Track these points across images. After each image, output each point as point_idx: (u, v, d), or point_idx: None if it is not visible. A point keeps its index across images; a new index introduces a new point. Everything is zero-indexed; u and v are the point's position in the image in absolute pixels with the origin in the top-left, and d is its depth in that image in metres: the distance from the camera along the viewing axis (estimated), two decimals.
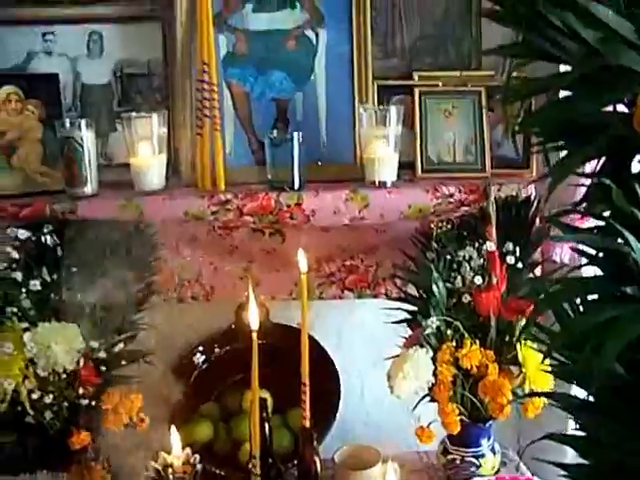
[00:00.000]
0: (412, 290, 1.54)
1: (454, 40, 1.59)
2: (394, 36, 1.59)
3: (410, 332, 1.49)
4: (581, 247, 0.86)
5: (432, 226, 1.48)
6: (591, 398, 0.87)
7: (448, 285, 1.45)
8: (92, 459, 1.38)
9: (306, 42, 1.52)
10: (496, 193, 1.45)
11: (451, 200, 1.47)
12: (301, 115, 1.54)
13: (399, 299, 1.55)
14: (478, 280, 1.41)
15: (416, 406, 1.42)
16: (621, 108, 0.83)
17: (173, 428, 1.37)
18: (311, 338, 1.65)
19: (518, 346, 1.38)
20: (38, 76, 1.54)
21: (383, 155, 1.45)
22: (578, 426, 0.91)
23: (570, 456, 1.06)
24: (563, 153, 0.87)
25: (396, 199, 1.46)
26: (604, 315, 0.81)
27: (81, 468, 1.36)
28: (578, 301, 0.88)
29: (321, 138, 1.54)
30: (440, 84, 1.57)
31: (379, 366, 1.46)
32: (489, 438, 1.47)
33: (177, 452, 1.35)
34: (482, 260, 1.43)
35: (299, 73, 1.53)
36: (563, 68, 0.85)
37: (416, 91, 1.55)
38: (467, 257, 1.45)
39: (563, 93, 0.84)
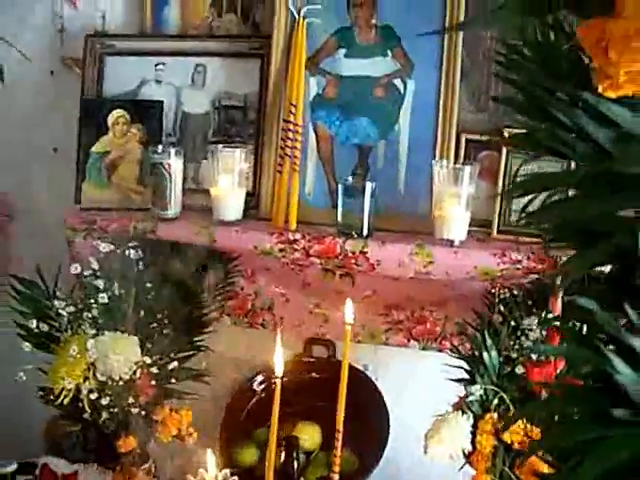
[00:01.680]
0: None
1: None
2: (488, 90, 1.56)
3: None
4: None
5: (494, 290, 1.44)
6: None
7: (505, 353, 1.41)
8: (136, 464, 1.47)
9: (394, 90, 1.54)
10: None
11: (519, 267, 1.42)
12: (382, 162, 1.56)
13: (461, 357, 1.53)
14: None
15: (462, 468, 1.40)
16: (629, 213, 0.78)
17: (209, 452, 1.43)
18: (367, 380, 1.68)
19: None
20: (145, 102, 1.68)
21: (453, 213, 1.44)
22: None
23: None
24: None
25: (462, 259, 1.44)
26: (588, 434, 0.77)
27: (125, 470, 1.46)
28: None
29: (399, 187, 1.55)
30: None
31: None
32: None
33: (212, 471, 1.42)
34: (542, 333, 1.38)
35: (384, 121, 1.55)
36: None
37: (504, 149, 1.52)
38: (528, 327, 1.40)
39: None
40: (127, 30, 1.75)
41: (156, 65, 1.69)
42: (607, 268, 0.82)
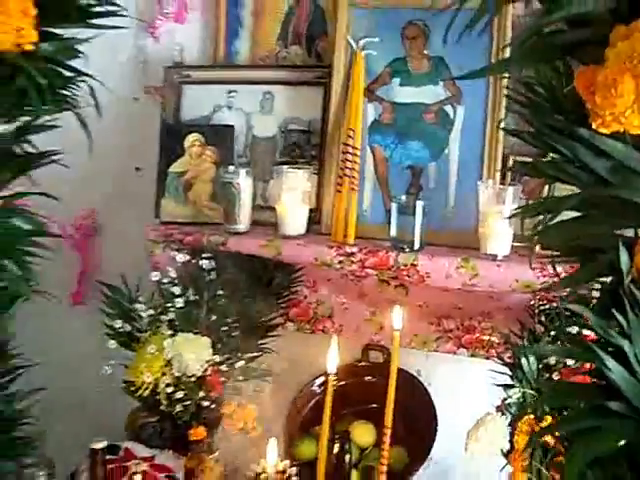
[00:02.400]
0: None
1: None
2: None
3: None
4: None
5: (534, 302, 1.58)
6: None
7: (545, 361, 1.54)
8: (205, 452, 1.66)
9: (444, 116, 1.70)
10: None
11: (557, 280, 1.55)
12: (433, 182, 1.72)
13: (505, 364, 1.66)
14: (570, 361, 1.49)
15: (503, 468, 1.54)
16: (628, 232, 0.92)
17: (273, 440, 1.61)
18: (418, 383, 1.83)
19: None
20: (218, 126, 1.88)
21: (496, 230, 1.58)
22: None
23: None
24: None
25: (505, 272, 1.58)
26: (583, 424, 0.91)
27: (196, 456, 1.65)
28: None
29: (448, 205, 1.71)
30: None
31: None
32: None
33: (272, 460, 1.60)
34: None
35: (435, 144, 1.71)
36: None
37: None
38: (567, 336, 1.53)
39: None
40: (202, 61, 1.97)
41: (228, 92, 1.90)
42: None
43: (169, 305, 1.68)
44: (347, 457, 1.58)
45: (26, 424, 1.35)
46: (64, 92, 1.24)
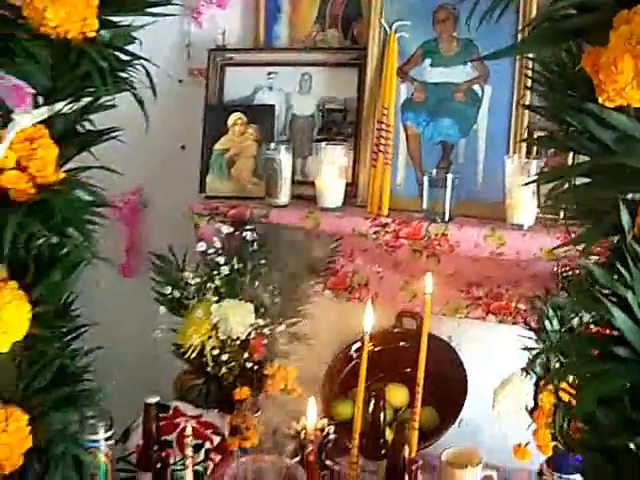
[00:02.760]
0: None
1: None
2: None
3: None
4: None
5: (556, 269, 1.69)
6: None
7: (568, 325, 1.65)
8: (250, 410, 1.81)
9: (472, 95, 1.81)
10: None
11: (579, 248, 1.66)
12: (462, 158, 1.84)
13: (531, 328, 1.77)
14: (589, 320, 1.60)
15: (529, 427, 1.66)
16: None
17: (312, 400, 1.75)
18: (449, 347, 1.95)
19: None
20: (259, 106, 2.01)
21: (522, 202, 1.69)
22: None
23: None
24: None
25: (529, 241, 1.69)
26: (592, 368, 1.03)
27: (241, 415, 1.80)
28: None
29: (477, 179, 1.82)
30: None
31: None
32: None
33: (311, 418, 1.73)
34: None
35: (464, 122, 1.82)
36: None
37: None
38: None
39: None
40: (243, 44, 2.10)
41: (268, 74, 2.03)
42: None
43: (215, 273, 1.82)
44: (382, 415, 1.71)
45: (88, 380, 1.50)
46: (122, 75, 1.38)
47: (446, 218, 1.77)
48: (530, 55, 1.25)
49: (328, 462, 1.74)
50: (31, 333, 1.34)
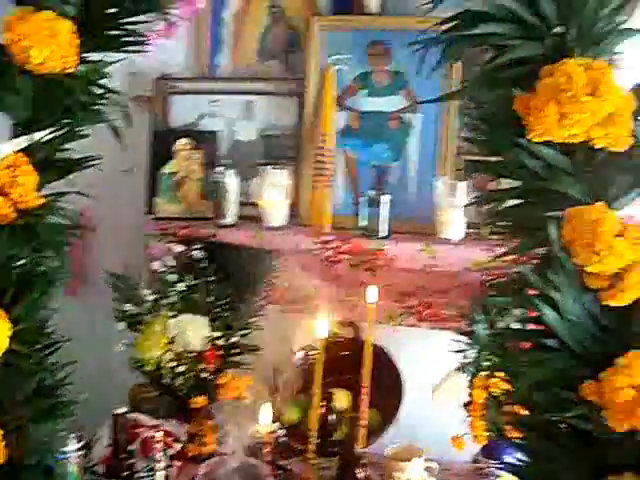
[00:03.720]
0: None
1: None
2: None
3: None
4: None
5: (484, 277, 1.94)
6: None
7: (494, 328, 1.91)
8: (206, 417, 1.98)
9: (404, 122, 2.06)
10: None
11: (505, 259, 1.91)
12: (395, 180, 2.07)
13: (461, 333, 2.02)
14: (515, 326, 1.85)
15: (464, 420, 1.90)
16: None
17: (267, 405, 1.93)
18: (385, 353, 2.17)
19: None
20: (204, 132, 2.19)
21: (450, 218, 1.94)
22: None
23: None
24: None
25: (459, 254, 1.94)
26: (527, 357, 1.26)
27: (198, 422, 1.96)
28: None
29: (409, 199, 2.06)
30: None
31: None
32: (511, 455, 1.90)
33: (266, 422, 1.92)
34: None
35: (396, 147, 2.07)
36: None
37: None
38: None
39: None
40: (187, 73, 2.27)
41: (212, 102, 2.21)
42: None
43: (170, 290, 1.98)
44: (330, 417, 1.91)
45: (63, 393, 1.63)
46: (97, 107, 1.54)
47: (383, 235, 2.00)
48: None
49: (282, 462, 1.93)
50: (10, 350, 1.48)
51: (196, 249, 2.05)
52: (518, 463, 1.31)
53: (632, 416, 1.14)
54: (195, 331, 1.92)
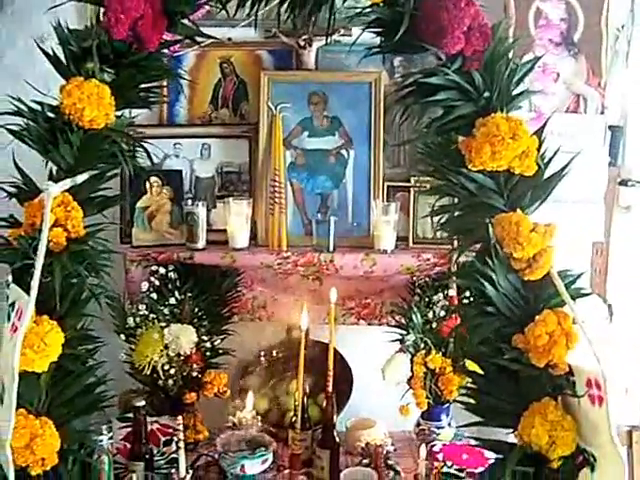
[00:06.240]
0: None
1: None
2: (399, 152, 2.74)
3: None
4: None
5: (414, 279, 2.60)
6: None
7: (426, 317, 2.56)
8: (196, 411, 2.50)
9: (341, 157, 2.68)
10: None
11: (429, 263, 2.58)
12: (336, 204, 2.68)
13: (396, 326, 2.66)
14: (442, 314, 2.52)
15: (405, 393, 2.53)
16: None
17: (250, 394, 2.48)
18: (335, 349, 2.77)
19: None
20: (170, 171, 2.71)
21: (385, 233, 2.57)
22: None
23: None
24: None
25: (393, 261, 2.58)
26: (474, 321, 1.90)
27: (189, 416, 2.48)
28: None
29: (349, 219, 2.68)
30: (428, 186, 2.69)
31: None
32: (447, 416, 2.56)
33: (249, 409, 2.47)
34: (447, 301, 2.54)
35: (335, 177, 2.68)
36: None
37: (411, 190, 2.69)
38: (438, 299, 2.56)
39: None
40: (150, 121, 2.77)
41: (174, 145, 2.74)
42: None
43: (160, 304, 2.50)
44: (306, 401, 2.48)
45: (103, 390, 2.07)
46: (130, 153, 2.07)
47: (331, 249, 2.60)
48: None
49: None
50: (62, 354, 1.94)
51: (171, 271, 2.58)
52: (469, 400, 1.95)
53: (548, 354, 1.79)
54: (186, 337, 2.44)
